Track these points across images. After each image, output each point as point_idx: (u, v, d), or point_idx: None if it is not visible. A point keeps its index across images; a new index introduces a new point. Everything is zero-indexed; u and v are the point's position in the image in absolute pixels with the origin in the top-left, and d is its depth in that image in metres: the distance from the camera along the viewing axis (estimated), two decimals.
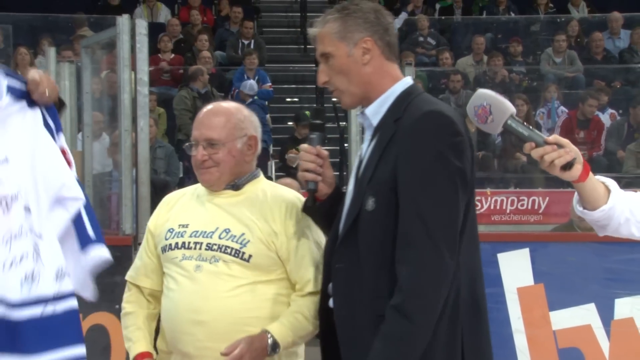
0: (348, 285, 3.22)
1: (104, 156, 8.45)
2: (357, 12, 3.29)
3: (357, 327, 3.20)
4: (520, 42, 14.07)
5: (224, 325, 3.49)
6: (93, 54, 7.81)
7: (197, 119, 3.71)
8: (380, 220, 3.13)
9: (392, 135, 3.13)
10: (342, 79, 3.28)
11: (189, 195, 3.79)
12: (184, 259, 3.57)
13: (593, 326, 5.79)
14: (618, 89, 13.62)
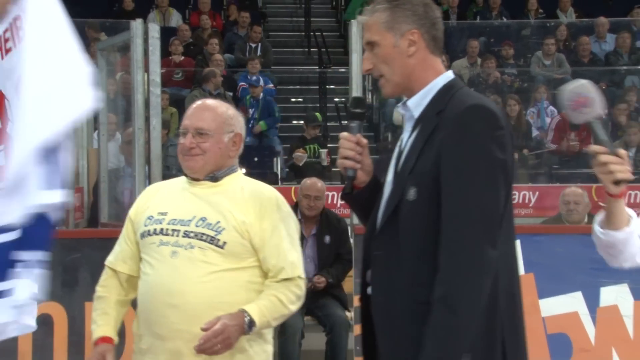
0: (387, 272, 3.15)
1: (114, 154, 8.47)
2: (406, 3, 3.20)
3: (394, 313, 3.13)
4: (512, 46, 14.07)
5: (197, 309, 3.50)
6: (108, 56, 7.81)
7: (189, 110, 3.76)
8: (421, 210, 3.06)
9: (435, 127, 3.05)
10: (386, 68, 3.19)
11: (170, 186, 3.85)
12: (161, 244, 3.59)
13: (580, 313, 5.79)
14: (604, 90, 13.59)
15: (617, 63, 14.27)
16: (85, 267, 3.66)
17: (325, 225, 7.43)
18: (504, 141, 3.01)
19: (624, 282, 5.75)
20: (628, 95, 13.06)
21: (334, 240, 7.34)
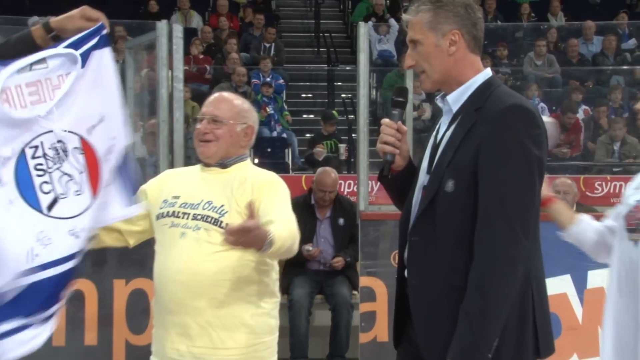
0: (423, 258, 3.15)
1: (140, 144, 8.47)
2: (448, 4, 3.18)
3: (430, 296, 3.13)
4: (506, 47, 14.03)
5: (200, 285, 3.52)
6: (135, 54, 7.81)
7: (208, 100, 3.78)
8: (459, 201, 3.05)
9: (474, 122, 3.05)
10: (427, 65, 3.18)
11: (185, 172, 3.90)
12: (172, 226, 3.60)
13: (568, 294, 5.79)
14: (591, 88, 13.60)
15: (603, 63, 14.22)
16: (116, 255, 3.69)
17: (338, 209, 7.50)
18: (540, 139, 3.02)
19: None
20: (613, 94, 13.02)
21: (348, 223, 7.39)
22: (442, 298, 3.08)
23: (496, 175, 2.97)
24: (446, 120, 3.23)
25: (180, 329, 3.55)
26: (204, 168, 3.73)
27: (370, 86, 6.50)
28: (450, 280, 3.06)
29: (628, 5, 17.90)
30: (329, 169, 7.75)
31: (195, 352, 3.53)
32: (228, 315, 3.55)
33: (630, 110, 12.70)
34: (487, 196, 2.99)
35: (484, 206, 2.99)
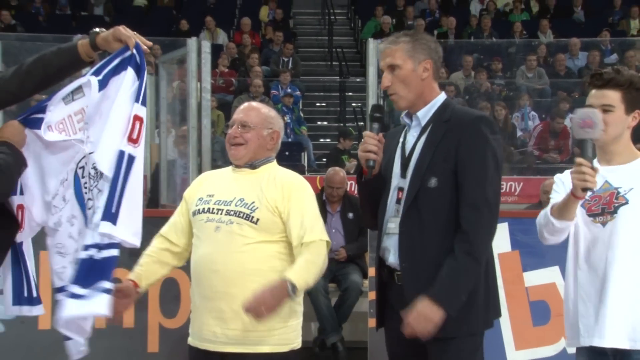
0: (412, 244, 3.39)
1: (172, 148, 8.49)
2: (423, 39, 3.52)
3: (420, 274, 3.36)
4: (500, 61, 14.00)
5: (234, 274, 3.54)
6: (168, 68, 7.84)
7: (239, 108, 3.81)
8: (443, 194, 3.34)
9: (445, 131, 3.37)
10: (402, 87, 3.44)
11: (218, 174, 3.92)
12: (207, 221, 3.63)
13: (557, 284, 5.76)
14: (577, 98, 13.52)
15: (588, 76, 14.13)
16: (147, 240, 3.69)
17: (348, 205, 7.58)
18: (500, 143, 3.43)
19: None
20: None
21: (356, 217, 7.44)
22: (431, 275, 3.30)
23: (476, 172, 3.30)
24: (414, 132, 3.50)
25: (216, 314, 3.57)
26: (235, 169, 3.75)
27: (378, 96, 6.52)
28: (438, 260, 3.32)
29: (610, 24, 17.83)
30: (337, 169, 7.92)
31: (229, 334, 3.55)
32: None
33: None
34: (472, 187, 3.31)
35: (470, 196, 3.31)
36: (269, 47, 16.47)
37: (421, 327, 3.22)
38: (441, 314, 3.22)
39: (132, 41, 3.23)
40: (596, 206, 3.40)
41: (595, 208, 3.40)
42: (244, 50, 15.70)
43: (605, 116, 3.33)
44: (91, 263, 3.18)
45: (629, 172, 3.43)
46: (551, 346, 5.80)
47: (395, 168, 3.50)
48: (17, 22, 16.25)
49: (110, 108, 3.22)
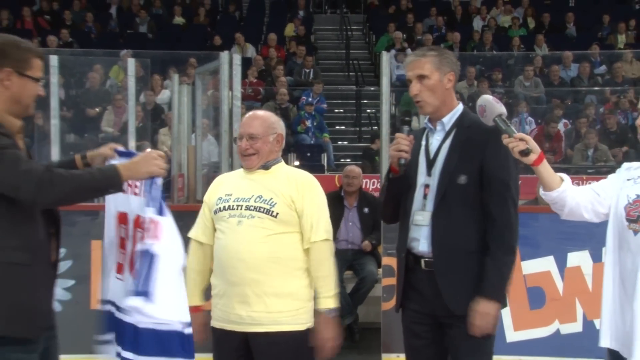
0: (442, 234, 3.46)
1: (207, 150, 8.49)
2: (447, 54, 3.58)
3: (450, 260, 3.45)
4: (500, 72, 13.98)
5: (258, 261, 3.56)
6: (203, 78, 7.84)
7: (243, 120, 3.81)
8: (470, 190, 3.42)
9: (468, 136, 3.44)
10: (429, 95, 3.50)
11: (232, 175, 3.91)
12: (230, 217, 3.63)
13: (551, 272, 5.73)
14: (569, 105, 13.52)
15: (579, 85, 14.13)
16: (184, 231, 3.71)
17: (363, 200, 7.57)
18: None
19: (586, 249, 5.69)
20: (588, 109, 12.89)
21: (371, 211, 7.42)
22: (460, 261, 3.43)
23: (502, 173, 3.37)
24: (438, 136, 3.56)
25: (241, 298, 3.57)
26: (247, 171, 3.75)
27: (390, 103, 6.50)
28: (467, 247, 3.43)
29: (599, 39, 17.75)
30: (353, 165, 8.14)
31: (254, 316, 3.56)
32: (279, 285, 3.59)
33: (601, 123, 12.67)
34: (499, 185, 3.38)
35: (498, 192, 3.39)
36: (292, 59, 16.46)
37: (485, 324, 3.36)
38: (498, 307, 3.40)
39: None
40: (634, 211, 3.05)
41: (633, 213, 3.05)
42: (270, 63, 15.74)
43: None
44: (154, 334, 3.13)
45: None
46: (546, 327, 5.78)
47: (420, 167, 3.55)
48: (73, 40, 16.35)
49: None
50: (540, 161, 3.14)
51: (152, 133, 11.33)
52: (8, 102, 3.03)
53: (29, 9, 18.02)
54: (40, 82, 3.16)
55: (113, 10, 19.10)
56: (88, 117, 11.28)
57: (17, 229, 2.93)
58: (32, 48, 3.12)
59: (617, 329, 3.09)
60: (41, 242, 3.03)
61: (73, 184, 2.95)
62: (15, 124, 3.06)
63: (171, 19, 18.94)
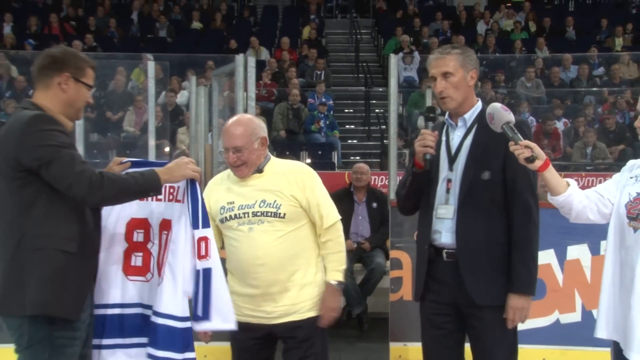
0: (467, 227, 3.45)
1: None
2: (469, 52, 3.55)
3: (475, 253, 3.44)
4: (503, 73, 13.95)
5: (276, 263, 3.55)
6: (219, 80, 7.83)
7: (225, 130, 3.67)
8: (494, 185, 3.40)
9: (492, 132, 3.30)
10: (454, 91, 3.46)
11: (226, 179, 3.75)
12: (239, 225, 3.58)
13: (552, 264, 5.69)
14: (569, 105, 13.46)
15: (578, 86, 14.07)
16: None
17: (372, 196, 7.60)
18: None
19: (584, 243, 5.66)
20: (587, 109, 12.83)
21: (379, 206, 7.46)
22: (484, 254, 3.41)
23: (524, 169, 3.24)
24: (459, 132, 3.53)
25: (266, 297, 3.60)
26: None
27: (398, 104, 6.45)
28: (490, 240, 3.41)
29: (598, 42, 17.67)
30: (362, 162, 8.27)
31: (280, 310, 3.61)
32: (299, 278, 3.62)
33: (600, 122, 12.61)
34: (522, 183, 3.37)
35: (520, 188, 3.38)
36: (304, 62, 16.44)
37: (518, 317, 3.42)
38: (529, 300, 3.46)
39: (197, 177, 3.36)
40: (634, 209, 3.02)
41: (633, 211, 3.02)
42: (283, 65, 15.71)
43: None
44: (172, 331, 3.30)
45: None
46: (546, 317, 5.73)
47: (442, 162, 3.53)
48: (97, 44, 16.41)
49: (178, 237, 3.34)
50: (546, 167, 3.12)
51: (171, 132, 11.34)
52: (63, 105, 3.22)
53: (56, 16, 18.16)
54: (91, 91, 3.32)
55: (134, 15, 19.14)
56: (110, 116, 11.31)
57: (68, 220, 3.10)
58: (87, 59, 3.30)
59: (615, 321, 3.07)
60: (88, 233, 3.19)
61: (120, 186, 3.12)
62: (69, 125, 3.27)
63: (189, 24, 18.96)
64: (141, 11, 19.43)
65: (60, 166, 3.01)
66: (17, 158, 3.02)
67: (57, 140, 3.05)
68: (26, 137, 3.02)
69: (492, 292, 3.40)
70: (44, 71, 3.22)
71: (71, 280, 3.10)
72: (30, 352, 3.08)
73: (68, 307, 3.09)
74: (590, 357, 5.53)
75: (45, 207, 3.06)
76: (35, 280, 3.02)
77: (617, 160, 11.53)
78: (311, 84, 14.84)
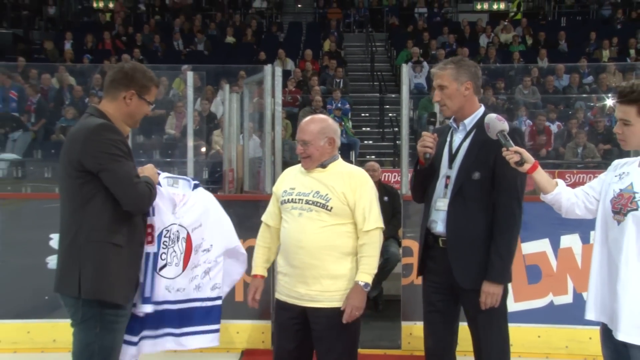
0: (456, 220, 3.47)
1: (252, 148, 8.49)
2: (465, 65, 3.51)
3: (461, 243, 3.46)
4: (503, 81, 13.86)
5: (315, 249, 3.51)
6: (250, 88, 7.84)
7: (300, 126, 3.73)
8: (484, 185, 3.41)
9: (486, 137, 3.32)
10: (449, 101, 3.50)
11: (297, 170, 3.77)
12: (292, 209, 3.58)
13: (547, 252, 5.66)
14: (562, 110, 13.36)
15: (570, 93, 13.98)
16: (233, 217, 3.72)
17: (383, 190, 7.54)
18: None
19: (576, 233, 5.61)
20: (578, 113, 12.74)
21: (390, 200, 7.39)
22: (472, 244, 3.43)
23: (510, 172, 3.26)
24: (460, 135, 3.56)
25: (300, 279, 3.57)
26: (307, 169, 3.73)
27: (409, 108, 6.44)
28: (478, 233, 3.42)
29: (587, 53, 17.61)
30: (373, 161, 8.19)
31: (311, 294, 3.56)
32: (333, 269, 3.56)
33: (589, 125, 12.55)
34: (507, 183, 3.37)
35: (505, 188, 3.37)
36: (325, 71, 16.45)
37: (490, 301, 3.41)
38: (501, 287, 3.43)
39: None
40: (617, 205, 2.95)
41: (617, 206, 2.95)
42: (307, 74, 15.74)
43: (625, 129, 2.92)
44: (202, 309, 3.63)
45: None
46: (541, 299, 5.70)
47: (443, 160, 3.55)
48: (143, 57, 16.54)
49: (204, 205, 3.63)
50: (534, 169, 3.13)
51: (207, 134, 11.38)
52: (124, 115, 3.29)
53: (108, 33, 18.51)
54: (151, 106, 3.40)
55: (176, 32, 19.24)
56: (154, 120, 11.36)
57: (118, 217, 3.15)
58: (153, 78, 3.36)
59: (603, 305, 3.03)
60: (135, 227, 3.24)
61: (153, 196, 3.28)
62: (126, 130, 3.35)
63: (224, 39, 19.05)
64: (182, 28, 19.54)
65: (116, 177, 3.10)
66: (81, 161, 3.10)
67: (117, 149, 3.12)
68: (90, 144, 3.09)
69: (474, 278, 3.43)
70: (114, 84, 3.29)
71: (119, 269, 3.16)
72: (83, 327, 3.16)
73: (116, 294, 3.15)
74: (580, 334, 5.55)
75: (100, 204, 3.12)
76: (88, 269, 3.10)
77: (603, 159, 11.47)
78: (331, 91, 14.83)
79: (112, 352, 3.18)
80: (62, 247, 3.20)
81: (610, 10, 20.70)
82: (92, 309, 3.12)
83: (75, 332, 3.20)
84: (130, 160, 3.18)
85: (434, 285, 3.65)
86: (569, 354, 5.63)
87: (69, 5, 21.25)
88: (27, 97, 12.17)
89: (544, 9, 21.60)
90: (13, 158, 11.17)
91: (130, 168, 3.17)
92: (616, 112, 2.96)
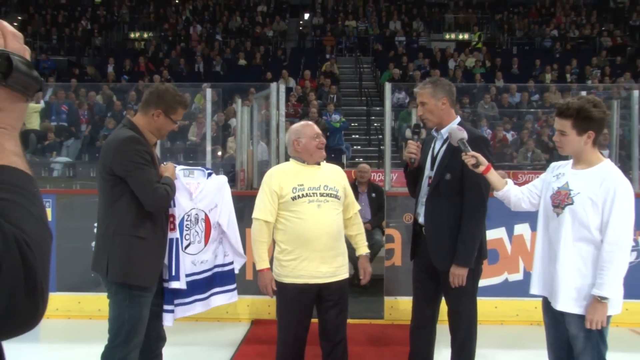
0: (433, 213, 3.50)
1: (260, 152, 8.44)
2: (440, 84, 3.49)
3: (438, 232, 3.48)
4: (468, 97, 13.93)
5: (334, 233, 3.48)
6: (258, 102, 7.81)
7: (307, 126, 3.62)
8: (454, 184, 3.41)
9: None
10: (429, 115, 3.50)
11: (290, 167, 3.61)
12: (309, 202, 3.45)
13: (503, 238, 5.66)
14: (515, 122, 13.39)
15: (521, 107, 14.00)
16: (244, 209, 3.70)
17: (372, 188, 7.57)
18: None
19: (527, 222, 5.62)
20: (527, 125, 12.76)
21: (377, 196, 7.41)
22: (444, 233, 3.44)
23: (474, 173, 3.22)
24: (440, 142, 3.55)
25: (325, 259, 3.47)
26: (305, 165, 3.58)
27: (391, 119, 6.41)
28: (450, 224, 3.43)
29: (534, 76, 17.87)
30: (364, 164, 8.13)
31: (332, 271, 3.49)
32: (341, 247, 3.56)
33: (537, 134, 12.59)
34: (470, 183, 3.37)
35: (470, 187, 3.37)
36: (321, 88, 16.41)
37: (457, 281, 3.41)
38: (466, 269, 3.41)
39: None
40: (556, 200, 2.96)
41: (556, 201, 2.96)
42: (306, 91, 15.68)
43: (562, 138, 2.93)
44: (220, 274, 3.65)
45: (586, 178, 2.90)
46: (498, 277, 5.73)
47: (427, 163, 3.57)
48: (170, 77, 16.54)
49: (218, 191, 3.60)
50: (488, 171, 3.14)
51: (223, 140, 11.34)
52: (152, 129, 3.26)
53: (143, 58, 18.41)
54: (177, 124, 3.35)
55: (198, 56, 19.19)
56: (179, 129, 11.32)
57: (142, 213, 3.14)
58: (181, 100, 3.28)
59: (544, 282, 3.06)
60: (157, 220, 3.21)
61: (171, 196, 3.24)
62: (152, 139, 3.29)
63: (237, 61, 19.01)
64: (202, 53, 19.49)
65: (139, 182, 3.09)
66: (111, 167, 3.11)
67: (142, 158, 3.10)
68: (119, 153, 3.09)
69: (447, 261, 3.44)
70: (147, 101, 3.26)
71: (144, 258, 3.16)
72: (115, 299, 3.19)
73: (141, 278, 3.16)
74: (528, 305, 5.62)
75: (126, 203, 3.12)
76: (116, 257, 3.12)
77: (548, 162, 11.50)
78: (326, 105, 14.80)
79: (139, 319, 3.18)
80: (97, 235, 3.23)
81: (550, 42, 21.13)
82: (122, 287, 3.15)
83: (110, 303, 3.23)
84: (152, 168, 3.17)
85: (421, 266, 3.67)
86: (519, 320, 5.67)
87: (111, 36, 21.55)
88: (76, 111, 12.29)
89: (500, 40, 21.78)
90: (66, 161, 11.51)
91: (152, 175, 3.15)
92: (555, 124, 2.99)
